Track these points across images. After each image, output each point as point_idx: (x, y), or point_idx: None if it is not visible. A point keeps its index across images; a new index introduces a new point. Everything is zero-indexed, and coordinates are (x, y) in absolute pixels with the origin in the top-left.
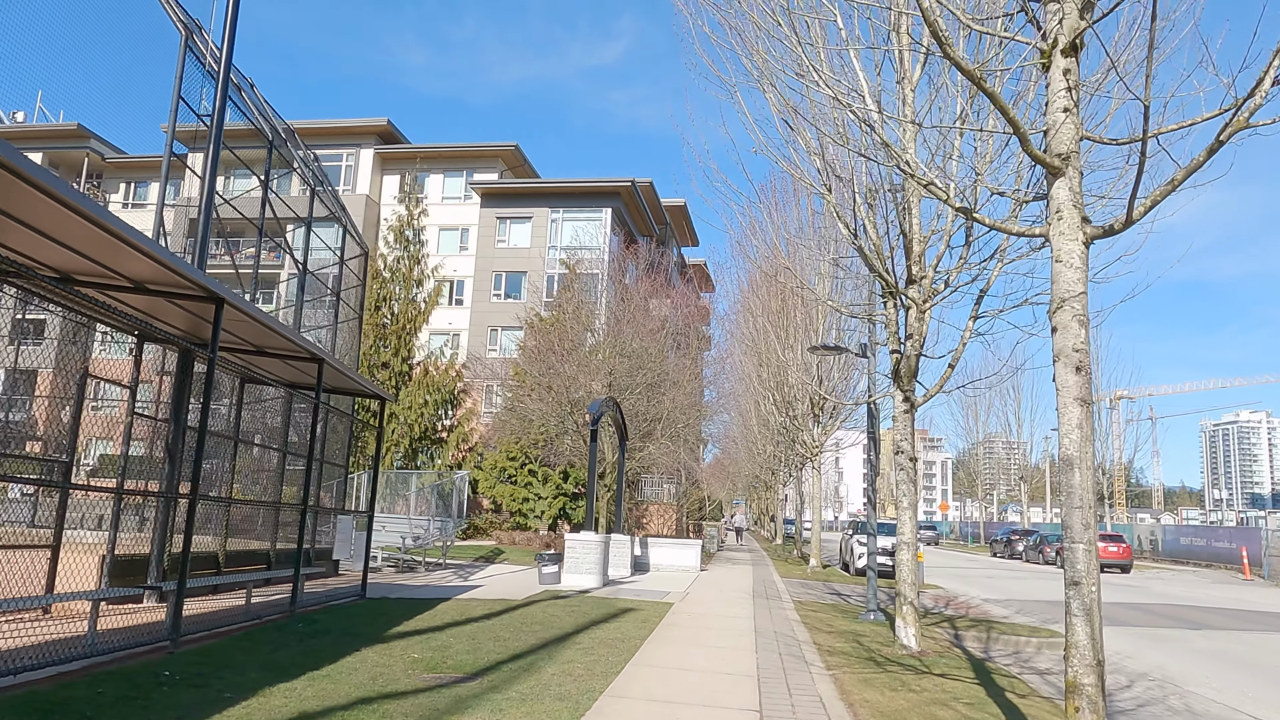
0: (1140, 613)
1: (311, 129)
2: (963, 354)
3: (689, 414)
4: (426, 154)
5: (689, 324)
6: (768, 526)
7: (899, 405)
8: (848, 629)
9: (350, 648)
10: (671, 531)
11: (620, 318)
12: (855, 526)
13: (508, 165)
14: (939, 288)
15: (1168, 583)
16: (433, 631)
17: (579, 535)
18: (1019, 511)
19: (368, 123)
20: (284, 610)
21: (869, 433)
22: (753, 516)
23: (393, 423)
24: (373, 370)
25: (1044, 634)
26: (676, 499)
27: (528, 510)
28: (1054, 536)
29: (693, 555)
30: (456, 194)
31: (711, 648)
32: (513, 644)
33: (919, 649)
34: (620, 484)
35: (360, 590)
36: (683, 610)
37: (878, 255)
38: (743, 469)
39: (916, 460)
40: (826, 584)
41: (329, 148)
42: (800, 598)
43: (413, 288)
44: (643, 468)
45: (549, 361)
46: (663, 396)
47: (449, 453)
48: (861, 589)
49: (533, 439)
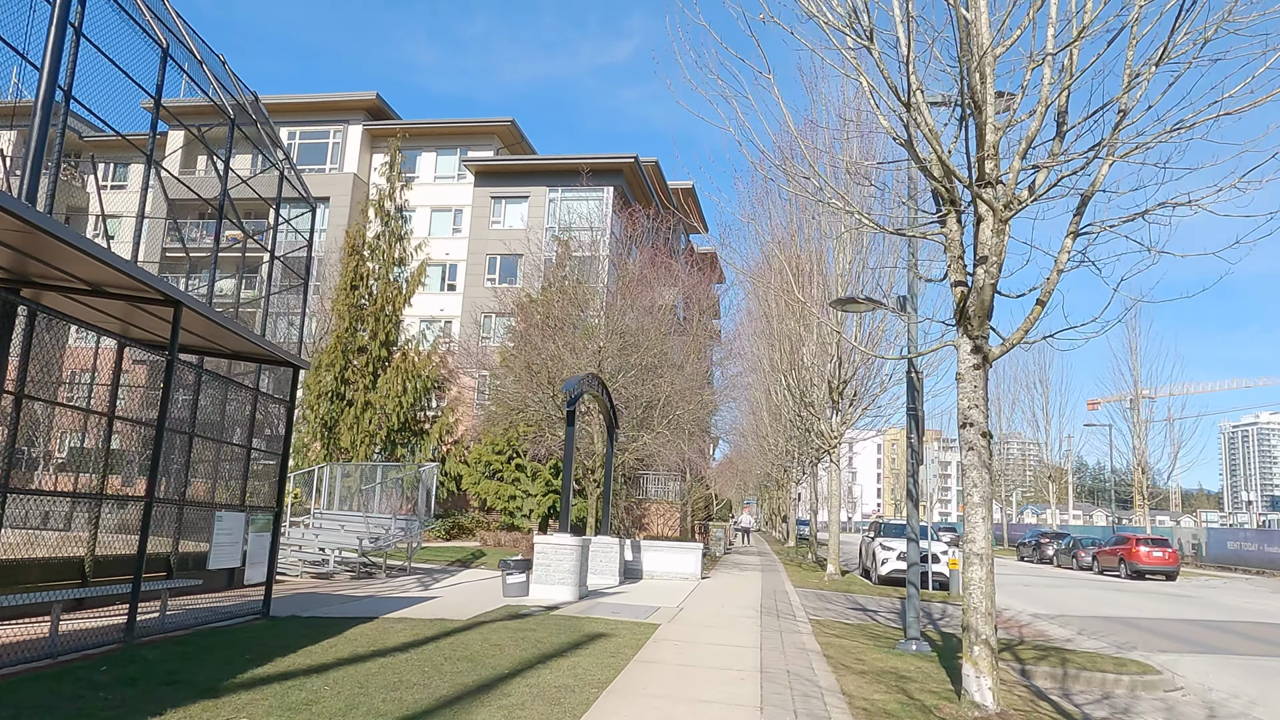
0: (1219, 633)
1: (296, 104)
2: (1055, 286)
3: (691, 401)
4: (417, 130)
5: (693, 300)
6: (779, 527)
7: (966, 359)
8: (885, 666)
9: (145, 711)
10: (675, 533)
11: (617, 294)
12: (877, 528)
13: (504, 143)
14: (1021, 195)
15: (1222, 592)
16: (310, 674)
17: (551, 538)
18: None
19: (355, 97)
20: (115, 640)
21: (909, 409)
22: (763, 516)
23: (369, 412)
24: (348, 354)
25: (1132, 667)
26: (681, 497)
27: (515, 509)
28: (1088, 540)
29: (692, 561)
30: (450, 173)
31: (697, 704)
32: (410, 697)
33: (998, 709)
34: (608, 479)
35: (262, 607)
36: (669, 637)
37: (934, 139)
38: (754, 466)
39: (990, 437)
40: (847, 595)
41: (315, 124)
42: (818, 615)
43: (392, 266)
44: (640, 462)
45: (533, 341)
46: (660, 380)
47: (431, 445)
48: (889, 602)
49: (521, 431)
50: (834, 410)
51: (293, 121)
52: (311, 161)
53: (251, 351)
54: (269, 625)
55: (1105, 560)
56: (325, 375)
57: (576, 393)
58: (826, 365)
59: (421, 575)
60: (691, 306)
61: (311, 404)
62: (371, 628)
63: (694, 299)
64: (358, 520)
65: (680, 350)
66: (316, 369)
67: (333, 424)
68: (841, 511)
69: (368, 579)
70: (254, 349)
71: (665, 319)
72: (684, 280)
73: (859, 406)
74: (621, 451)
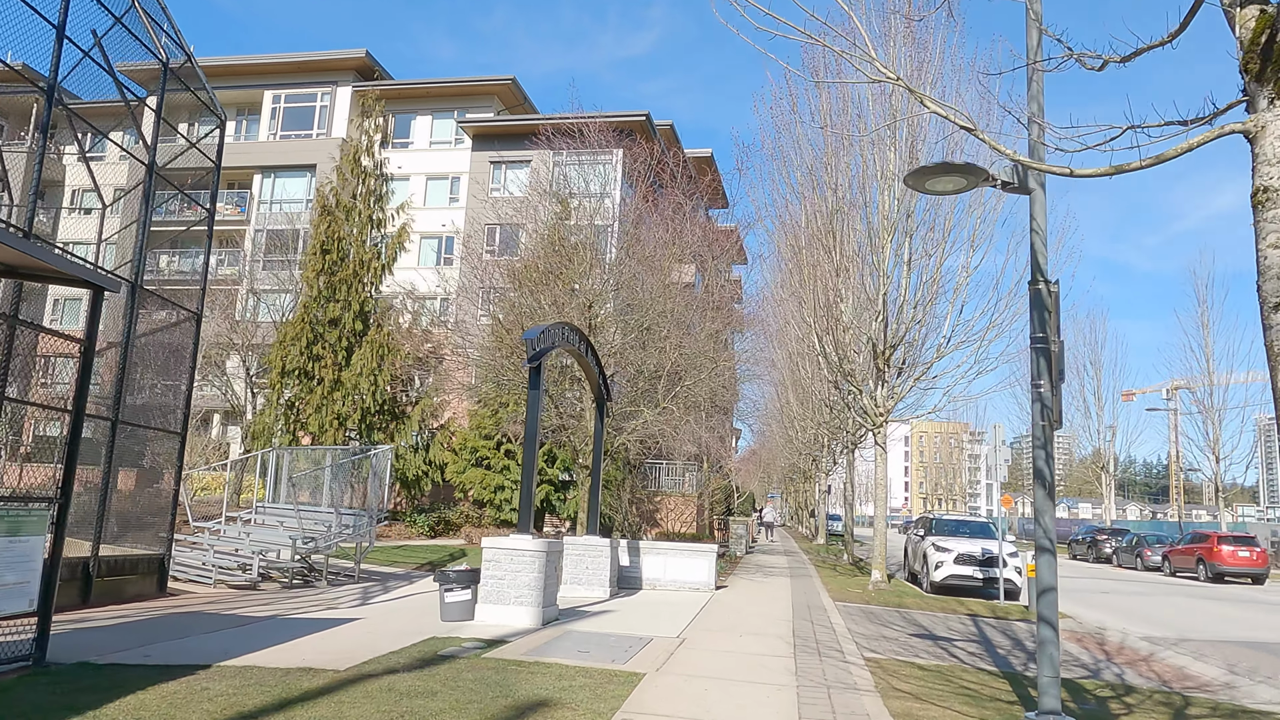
0: None
1: (280, 64)
2: None
3: (705, 371)
4: (411, 91)
5: (710, 264)
6: (806, 522)
7: None
8: None
9: None
10: (691, 529)
11: (619, 248)
12: (927, 525)
13: (505, 104)
14: None
15: None
16: None
17: (504, 541)
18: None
19: (343, 56)
20: None
21: (1037, 341)
22: (789, 511)
23: (339, 392)
24: (318, 328)
25: None
26: (697, 489)
27: (502, 501)
28: (1153, 537)
29: (704, 567)
30: (446, 138)
31: None
32: None
33: None
34: (597, 464)
35: (32, 650)
36: (651, 709)
37: None
38: (778, 457)
39: None
40: (902, 612)
41: (300, 85)
42: (875, 649)
43: (367, 227)
44: (646, 448)
45: (518, 300)
46: (665, 343)
47: (412, 430)
48: (962, 623)
49: (511, 411)
50: (879, 381)
51: (276, 84)
52: (297, 127)
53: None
54: (27, 682)
55: (1180, 561)
56: (291, 349)
57: (543, 346)
58: (871, 324)
59: (371, 583)
60: (708, 268)
61: (274, 383)
62: (169, 692)
63: (710, 265)
64: (306, 515)
65: (695, 313)
66: (281, 342)
67: (300, 406)
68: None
69: (305, 588)
70: (19, 258)
71: (671, 273)
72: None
73: (909, 376)
74: (618, 431)
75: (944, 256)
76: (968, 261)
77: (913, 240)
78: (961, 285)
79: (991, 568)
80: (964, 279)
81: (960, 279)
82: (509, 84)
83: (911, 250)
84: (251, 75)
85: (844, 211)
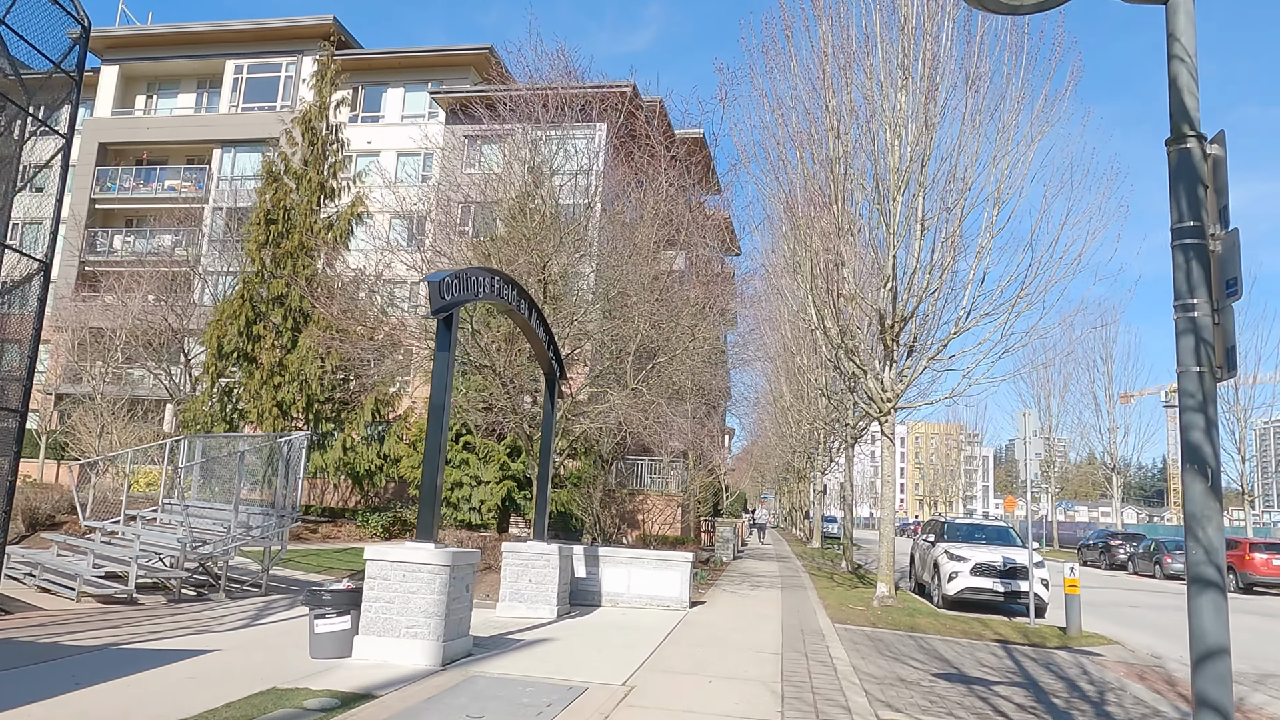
0: None
1: (240, 31)
2: None
3: (682, 345)
4: (382, 62)
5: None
6: (800, 524)
7: None
8: None
9: None
10: (676, 532)
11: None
12: (938, 529)
13: (482, 76)
14: None
15: None
16: None
17: (392, 551)
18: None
19: (309, 22)
20: None
21: (1179, 225)
22: (782, 512)
23: (280, 376)
24: (259, 305)
25: None
26: (681, 487)
27: (460, 499)
28: (1172, 543)
29: (677, 580)
30: (419, 112)
31: None
32: None
33: None
34: (546, 454)
35: None
36: None
37: None
38: (772, 455)
39: None
40: (916, 638)
41: (263, 55)
42: (892, 699)
43: (317, 195)
44: (620, 440)
45: None
46: (632, 311)
47: (363, 419)
48: (991, 655)
49: (470, 398)
50: (887, 362)
51: (239, 53)
52: (260, 99)
53: None
54: None
55: None
56: (229, 329)
57: (455, 296)
58: (879, 291)
59: (279, 596)
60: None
61: (209, 365)
62: None
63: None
64: (201, 514)
65: (674, 281)
66: (218, 321)
67: (240, 392)
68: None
69: (195, 601)
70: None
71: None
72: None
73: (922, 356)
74: (580, 417)
75: (965, 213)
76: (992, 219)
77: (926, 195)
78: (985, 248)
79: (1015, 580)
80: (988, 240)
81: (983, 240)
82: (486, 54)
83: (925, 207)
84: (212, 44)
85: (846, 159)
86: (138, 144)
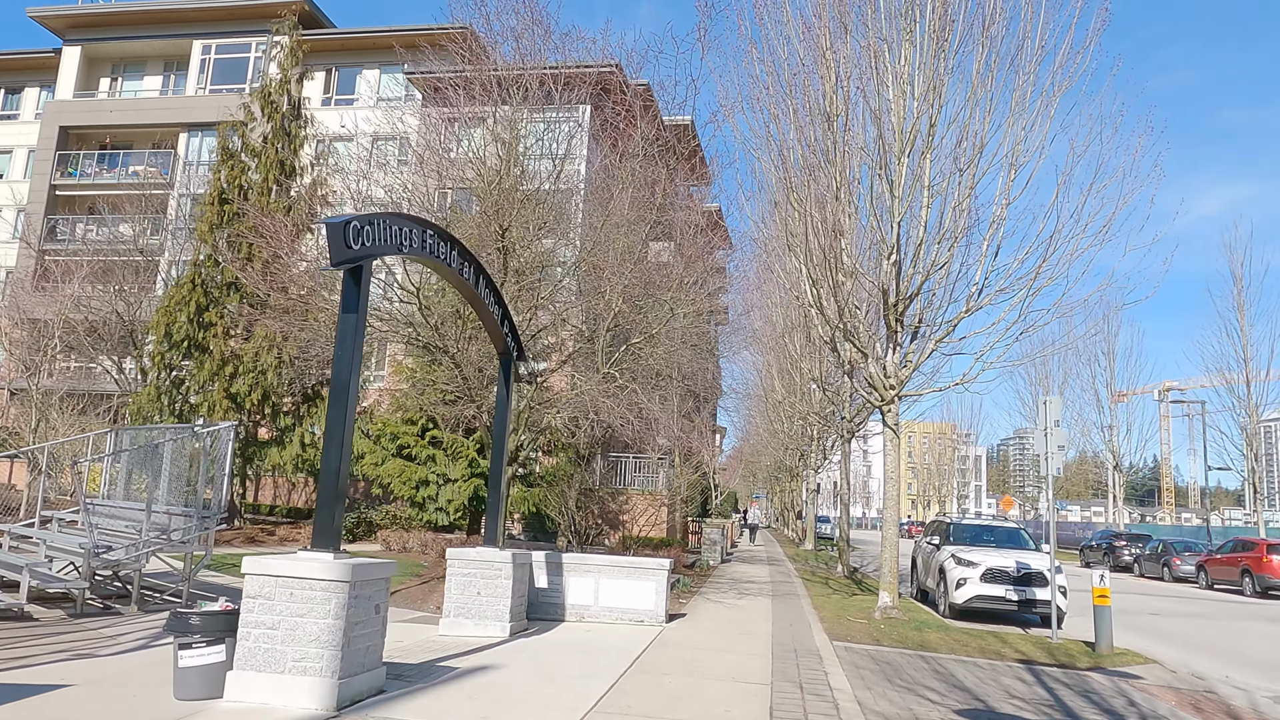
0: None
1: (210, 10)
2: None
3: (661, 325)
4: (356, 42)
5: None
6: (792, 525)
7: None
8: None
9: None
10: (662, 533)
11: None
12: (943, 531)
13: (462, 56)
14: None
15: None
16: None
17: (277, 565)
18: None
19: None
20: None
21: None
22: (774, 512)
23: (232, 367)
24: (212, 292)
25: None
26: (667, 485)
27: (424, 498)
28: (1180, 544)
29: (651, 591)
30: (396, 94)
31: None
32: None
33: None
34: (499, 447)
35: None
36: None
37: None
38: (763, 453)
39: None
40: (927, 658)
41: (231, 35)
42: None
43: (273, 172)
44: (598, 434)
45: None
46: (604, 285)
47: (324, 414)
48: (1018, 681)
49: (439, 389)
50: (890, 344)
51: (207, 33)
52: (229, 80)
53: None
54: None
55: (1220, 572)
56: (178, 315)
57: (367, 248)
58: (882, 264)
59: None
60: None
61: (156, 354)
62: None
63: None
64: (107, 515)
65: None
66: (166, 307)
67: (190, 383)
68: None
69: (101, 615)
70: None
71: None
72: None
73: (929, 337)
74: (546, 407)
75: (977, 177)
76: (1008, 184)
77: (934, 157)
78: (999, 218)
79: (1029, 587)
80: (1002, 209)
81: (998, 209)
82: (466, 33)
83: (933, 172)
84: (179, 23)
85: (848, 112)
86: (101, 128)
